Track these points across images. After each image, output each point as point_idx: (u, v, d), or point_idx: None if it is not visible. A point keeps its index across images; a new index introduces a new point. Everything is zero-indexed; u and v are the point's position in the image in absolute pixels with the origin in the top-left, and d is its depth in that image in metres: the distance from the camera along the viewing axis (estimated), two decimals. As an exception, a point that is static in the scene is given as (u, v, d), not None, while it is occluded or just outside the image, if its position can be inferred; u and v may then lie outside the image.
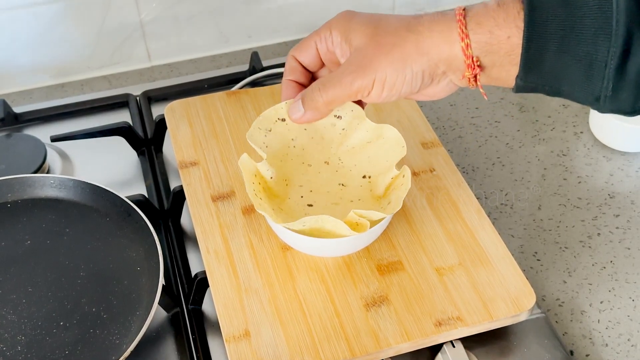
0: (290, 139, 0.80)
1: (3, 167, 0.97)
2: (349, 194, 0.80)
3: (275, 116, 0.79)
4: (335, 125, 0.80)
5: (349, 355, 0.73)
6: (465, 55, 0.67)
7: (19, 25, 1.10)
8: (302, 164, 0.81)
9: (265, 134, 0.79)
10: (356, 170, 0.81)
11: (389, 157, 0.79)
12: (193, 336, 0.81)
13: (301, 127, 0.80)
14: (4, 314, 0.79)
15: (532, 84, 0.67)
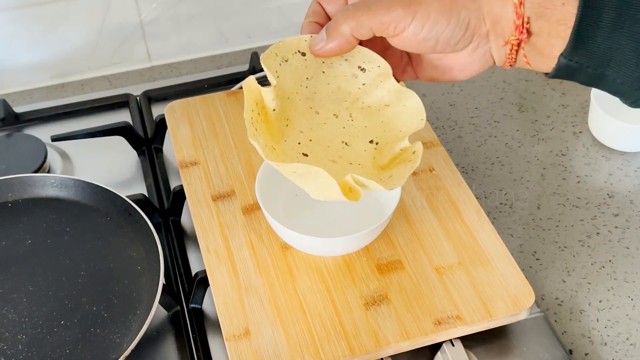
0: (305, 78, 0.71)
1: (4, 167, 0.97)
2: (350, 155, 0.72)
3: (296, 47, 0.70)
4: (356, 77, 0.72)
5: (348, 354, 0.73)
6: (517, 14, 0.62)
7: (20, 25, 1.10)
8: (309, 109, 0.72)
9: (280, 62, 0.70)
10: (365, 132, 0.73)
11: (404, 126, 0.71)
12: (193, 335, 0.81)
13: (319, 68, 0.71)
14: (4, 313, 0.79)
15: (576, 64, 0.62)
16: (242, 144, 0.93)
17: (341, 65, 0.71)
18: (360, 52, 0.70)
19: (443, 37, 0.63)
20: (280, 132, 0.71)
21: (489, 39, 0.65)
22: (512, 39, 0.63)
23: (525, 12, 0.62)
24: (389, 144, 0.72)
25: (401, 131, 0.71)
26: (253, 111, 0.68)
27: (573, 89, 1.12)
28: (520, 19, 0.62)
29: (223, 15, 1.18)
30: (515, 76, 1.15)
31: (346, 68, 0.71)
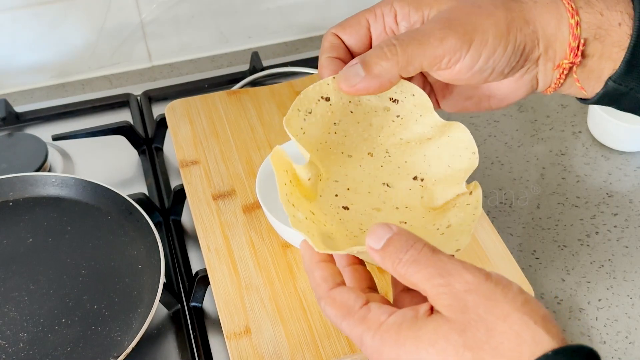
0: (332, 123, 0.61)
1: (4, 166, 0.98)
2: (395, 197, 0.62)
3: (318, 94, 0.60)
4: (389, 111, 0.61)
5: (349, 351, 0.73)
6: (573, 36, 0.56)
7: (20, 25, 1.10)
8: (341, 154, 0.63)
9: (304, 116, 0.60)
10: (406, 168, 0.62)
11: (452, 161, 0.61)
12: (194, 333, 0.81)
13: (347, 109, 0.61)
14: (6, 311, 0.79)
15: (625, 88, 0.58)
16: (242, 143, 0.94)
17: (370, 100, 0.61)
18: None
19: (499, 65, 0.57)
20: (314, 189, 0.61)
21: (538, 63, 0.59)
22: (564, 62, 0.58)
23: (582, 33, 0.57)
24: (437, 183, 0.61)
25: (450, 166, 0.61)
26: (286, 185, 0.58)
27: (572, 89, 1.12)
28: (577, 41, 0.57)
29: (223, 15, 1.18)
30: (514, 76, 1.15)
31: (376, 102, 0.61)
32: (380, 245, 0.48)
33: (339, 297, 0.50)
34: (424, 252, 0.47)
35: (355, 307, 0.49)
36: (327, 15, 1.22)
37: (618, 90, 0.58)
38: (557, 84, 0.59)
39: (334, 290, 0.51)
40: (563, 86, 0.60)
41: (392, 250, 0.48)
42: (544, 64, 0.58)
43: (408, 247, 0.48)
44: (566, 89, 0.61)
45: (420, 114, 0.61)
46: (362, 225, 0.59)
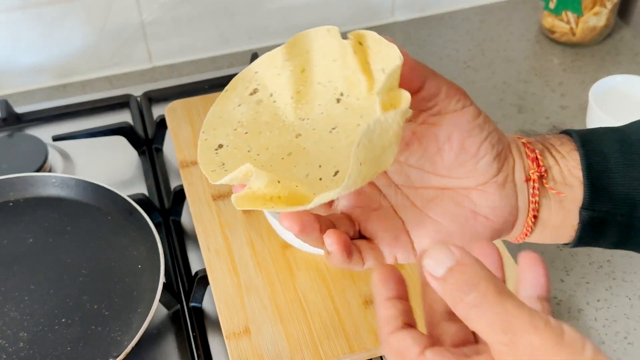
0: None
1: (5, 167, 0.98)
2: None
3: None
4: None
5: (348, 351, 0.73)
6: (528, 149, 0.56)
7: (21, 26, 1.10)
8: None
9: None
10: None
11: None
12: (193, 333, 0.82)
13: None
14: (6, 310, 0.80)
15: (599, 213, 0.56)
16: (242, 144, 0.94)
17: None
18: None
19: (483, 148, 0.54)
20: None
21: (515, 173, 0.56)
22: (531, 172, 0.56)
23: (535, 147, 0.57)
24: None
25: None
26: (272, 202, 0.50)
27: (572, 90, 1.12)
28: (533, 152, 0.56)
29: (224, 16, 1.18)
30: (514, 77, 1.15)
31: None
32: (440, 273, 0.42)
33: (396, 343, 0.46)
34: (489, 295, 0.41)
35: (411, 355, 0.45)
36: (327, 17, 1.23)
37: (595, 218, 0.56)
38: (534, 202, 0.56)
39: (393, 336, 0.46)
40: (542, 212, 0.57)
41: (454, 286, 0.42)
42: (519, 176, 0.56)
43: (472, 287, 0.41)
44: (546, 219, 0.57)
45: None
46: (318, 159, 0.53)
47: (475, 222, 0.55)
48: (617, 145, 0.56)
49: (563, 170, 0.56)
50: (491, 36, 1.23)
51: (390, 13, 1.26)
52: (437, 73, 0.55)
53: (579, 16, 1.15)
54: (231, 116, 0.55)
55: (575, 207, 0.56)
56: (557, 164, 0.57)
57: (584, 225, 0.56)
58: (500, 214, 0.55)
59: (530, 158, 0.56)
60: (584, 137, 0.57)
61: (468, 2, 1.29)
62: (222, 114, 0.55)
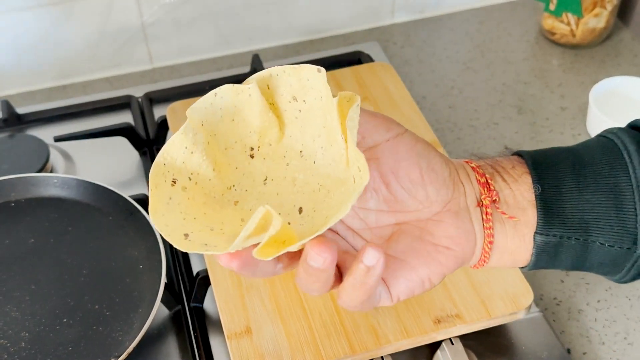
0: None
1: (6, 167, 0.98)
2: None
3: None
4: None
5: (349, 351, 0.73)
6: (478, 174, 0.56)
7: (22, 27, 1.11)
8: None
9: (167, 202, 0.52)
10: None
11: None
12: (195, 333, 0.82)
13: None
14: (7, 310, 0.80)
15: (554, 237, 0.55)
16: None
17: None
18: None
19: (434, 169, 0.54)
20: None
21: (467, 200, 0.55)
22: (483, 197, 0.55)
23: (485, 172, 0.56)
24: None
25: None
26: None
27: (572, 92, 1.12)
28: (483, 177, 0.56)
29: (224, 17, 1.18)
30: (514, 79, 1.15)
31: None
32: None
33: None
34: None
35: None
36: (327, 18, 1.23)
37: (549, 242, 0.55)
38: (489, 227, 0.55)
39: None
40: (497, 238, 0.56)
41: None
42: (471, 203, 0.55)
43: None
44: (502, 244, 0.56)
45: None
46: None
47: (437, 254, 0.53)
48: (570, 167, 0.55)
49: (515, 193, 0.55)
50: (491, 38, 1.24)
51: (390, 14, 1.26)
52: None
53: (579, 18, 1.15)
54: (171, 209, 0.52)
55: (530, 231, 0.55)
56: (508, 187, 0.56)
57: (539, 250, 0.55)
58: (459, 242, 0.54)
59: (480, 183, 0.55)
60: (536, 159, 0.56)
61: (468, 4, 1.29)
62: (163, 211, 0.51)
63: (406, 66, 1.19)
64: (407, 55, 1.21)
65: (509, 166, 0.57)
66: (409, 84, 1.14)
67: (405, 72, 1.17)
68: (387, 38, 1.24)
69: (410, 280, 0.53)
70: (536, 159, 0.57)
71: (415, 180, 0.53)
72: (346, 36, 1.24)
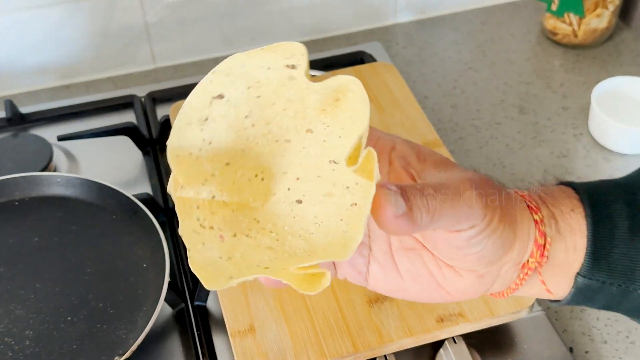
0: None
1: (10, 166, 0.98)
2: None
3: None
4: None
5: (352, 350, 0.74)
6: (539, 232, 0.51)
7: (26, 26, 1.11)
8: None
9: (201, 127, 0.49)
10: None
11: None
12: (198, 332, 0.82)
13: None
14: (12, 309, 0.80)
15: (596, 282, 0.52)
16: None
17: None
18: None
19: (485, 252, 0.49)
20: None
21: (503, 267, 0.51)
22: (531, 261, 0.51)
23: (546, 230, 0.52)
24: None
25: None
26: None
27: (574, 92, 1.13)
28: (543, 237, 0.51)
29: (227, 17, 1.19)
30: (516, 79, 1.16)
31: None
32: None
33: None
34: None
35: None
36: (329, 18, 1.23)
37: (591, 285, 0.52)
38: (518, 284, 0.52)
39: None
40: (524, 287, 0.53)
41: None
42: (509, 268, 0.52)
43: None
44: (528, 290, 0.54)
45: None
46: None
47: (435, 292, 0.51)
48: (625, 209, 0.53)
49: (568, 246, 0.52)
50: (493, 38, 1.24)
51: (392, 15, 1.27)
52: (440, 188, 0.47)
53: (581, 18, 1.16)
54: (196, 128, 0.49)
55: (570, 271, 0.52)
56: (564, 241, 0.52)
57: (577, 291, 0.53)
58: (464, 295, 0.51)
59: (537, 244, 0.51)
60: (593, 202, 0.53)
61: (470, 4, 1.29)
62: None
63: (408, 66, 1.19)
64: (410, 56, 1.21)
65: (567, 209, 0.53)
66: (411, 84, 1.15)
67: (408, 72, 1.17)
68: (390, 38, 1.24)
69: (395, 291, 0.51)
70: (593, 201, 0.53)
71: (457, 256, 0.49)
72: (348, 36, 1.25)
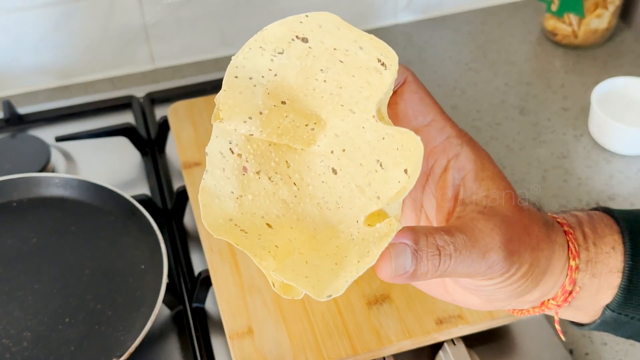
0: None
1: (8, 167, 0.98)
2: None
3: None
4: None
5: (351, 352, 0.73)
6: (570, 279, 0.50)
7: (24, 26, 1.11)
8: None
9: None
10: None
11: None
12: (196, 334, 0.82)
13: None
14: (10, 310, 0.80)
15: (625, 317, 0.51)
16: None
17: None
18: None
19: (498, 296, 0.49)
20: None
21: (529, 297, 0.50)
22: (552, 304, 0.50)
23: (577, 277, 0.50)
24: None
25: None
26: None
27: (574, 92, 1.12)
28: (572, 285, 0.50)
29: (226, 18, 1.18)
30: (516, 79, 1.15)
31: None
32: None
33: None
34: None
35: None
36: (329, 18, 1.23)
37: (618, 319, 0.51)
38: (530, 312, 0.52)
39: None
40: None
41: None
42: (537, 297, 0.50)
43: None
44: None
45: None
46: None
47: (439, 290, 0.52)
48: None
49: (602, 283, 0.50)
50: (493, 38, 1.24)
51: (392, 15, 1.26)
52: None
53: (581, 18, 1.15)
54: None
55: (599, 304, 0.51)
56: (597, 280, 0.50)
57: (604, 322, 0.52)
58: (469, 306, 0.51)
59: (563, 290, 0.50)
60: (633, 234, 0.51)
61: (470, 4, 1.29)
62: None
63: (408, 67, 1.18)
64: (410, 56, 1.21)
65: (608, 247, 0.51)
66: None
67: (407, 72, 1.17)
68: (390, 39, 1.24)
69: None
70: (633, 236, 0.51)
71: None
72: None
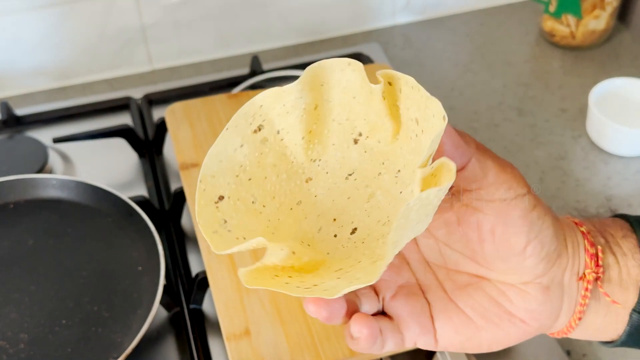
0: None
1: (5, 169, 0.98)
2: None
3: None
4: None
5: (348, 353, 0.73)
6: (588, 242, 0.50)
7: (22, 28, 1.10)
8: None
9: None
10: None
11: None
12: (193, 335, 0.82)
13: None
14: (6, 312, 0.80)
15: None
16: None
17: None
18: None
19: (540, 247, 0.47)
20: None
21: (564, 273, 0.49)
22: (587, 272, 0.49)
23: (595, 241, 0.50)
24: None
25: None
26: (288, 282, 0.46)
27: (572, 93, 1.12)
28: (593, 247, 0.50)
29: (224, 19, 1.18)
30: (514, 80, 1.15)
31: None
32: None
33: None
34: None
35: None
36: (327, 19, 1.23)
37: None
38: (582, 304, 0.50)
39: None
40: (588, 314, 0.51)
41: None
42: (569, 277, 0.49)
43: None
44: (591, 321, 0.51)
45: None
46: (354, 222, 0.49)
47: (509, 325, 0.48)
48: None
49: (622, 270, 0.50)
50: (491, 39, 1.24)
51: (391, 16, 1.26)
52: (486, 149, 0.47)
53: (579, 19, 1.15)
54: (232, 159, 0.47)
55: (625, 310, 0.50)
56: (617, 263, 0.50)
57: (633, 329, 0.50)
58: (539, 317, 0.48)
59: (589, 254, 0.49)
60: None
61: (468, 5, 1.29)
62: (222, 157, 0.47)
63: (406, 68, 1.18)
64: (408, 57, 1.21)
65: (619, 234, 0.51)
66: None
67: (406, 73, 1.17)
68: (388, 40, 1.24)
69: (468, 340, 0.48)
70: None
71: (515, 250, 0.46)
72: (346, 37, 1.24)
